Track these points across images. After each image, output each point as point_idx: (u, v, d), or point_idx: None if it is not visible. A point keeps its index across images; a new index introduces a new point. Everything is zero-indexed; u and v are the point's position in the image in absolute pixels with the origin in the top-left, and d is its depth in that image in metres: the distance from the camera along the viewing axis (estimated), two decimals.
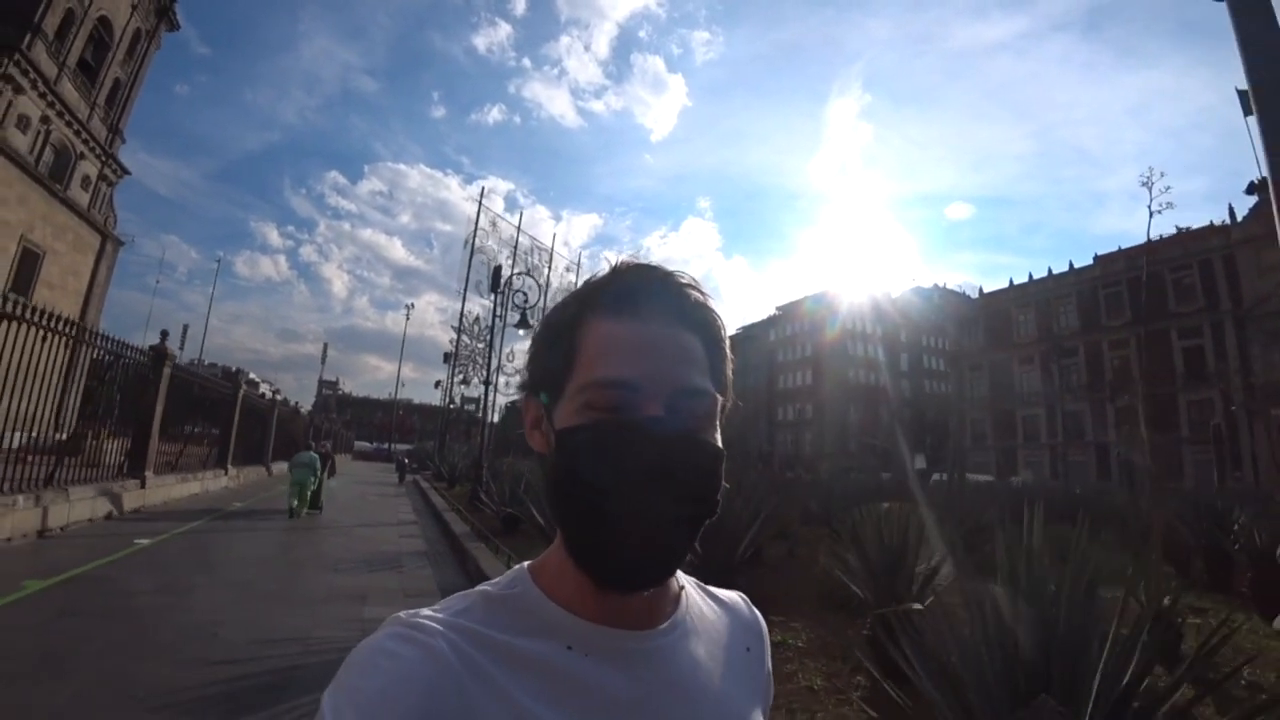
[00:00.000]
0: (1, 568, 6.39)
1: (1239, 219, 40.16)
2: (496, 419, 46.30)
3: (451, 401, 29.74)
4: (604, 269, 0.61)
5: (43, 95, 26.78)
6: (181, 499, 13.32)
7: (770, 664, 0.69)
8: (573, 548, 0.54)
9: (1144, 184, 8.10)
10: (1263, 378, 37.61)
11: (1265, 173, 2.70)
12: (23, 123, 26.36)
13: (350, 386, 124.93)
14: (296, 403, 38.42)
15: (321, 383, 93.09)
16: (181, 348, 55.46)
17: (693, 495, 0.53)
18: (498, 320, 17.94)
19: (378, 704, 0.45)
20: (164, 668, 4.14)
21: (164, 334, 11.46)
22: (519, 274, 17.55)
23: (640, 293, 0.56)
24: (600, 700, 0.52)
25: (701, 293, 0.59)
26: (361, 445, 64.66)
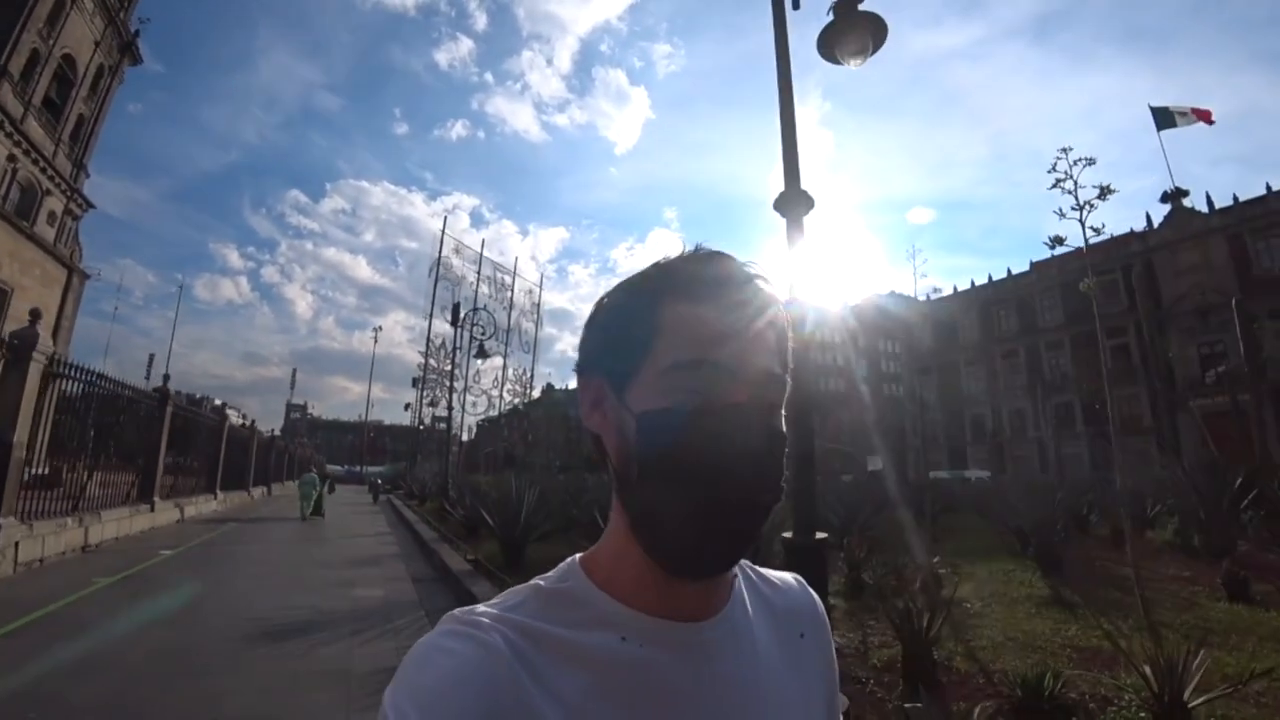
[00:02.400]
0: (72, 572, 8.26)
1: (1155, 225, 43.20)
2: (468, 437, 47.36)
3: (421, 423, 30.88)
4: (675, 253, 0.60)
5: (9, 135, 26.69)
6: (179, 521, 15.00)
7: (832, 647, 0.69)
8: (647, 534, 0.54)
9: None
10: (1182, 371, 40.61)
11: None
12: None
13: (319, 409, 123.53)
14: (272, 430, 39.06)
15: (290, 406, 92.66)
16: (147, 377, 55.30)
17: (769, 482, 0.53)
18: (458, 351, 19.44)
19: (437, 700, 0.45)
20: (221, 621, 5.96)
21: (166, 377, 13.15)
22: (477, 309, 19.08)
23: (722, 279, 0.56)
24: (655, 693, 0.52)
25: (775, 286, 0.59)
26: (333, 469, 63.92)
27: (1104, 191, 4.78)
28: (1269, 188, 38.69)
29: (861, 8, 4.23)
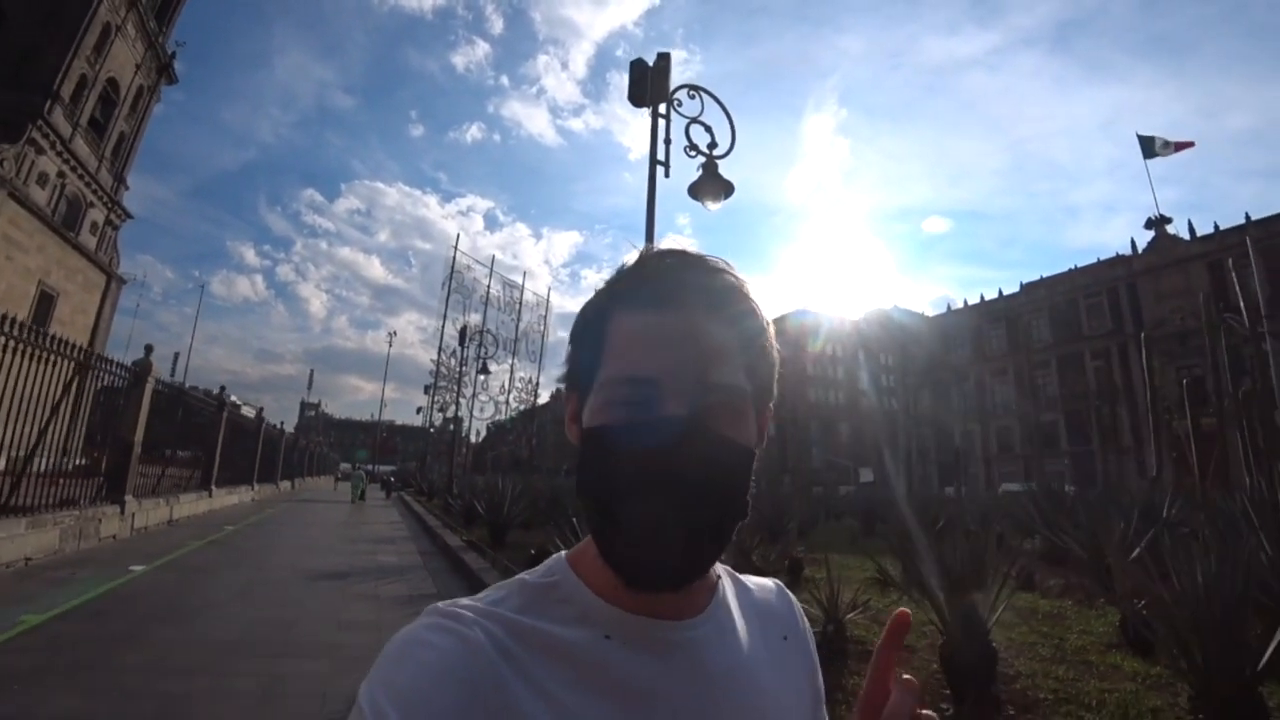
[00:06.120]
0: (170, 536, 11.11)
1: (1139, 250, 44.73)
2: (478, 439, 49.57)
3: (432, 426, 33.13)
4: (633, 257, 0.59)
5: (59, 154, 28.81)
6: (230, 506, 17.98)
7: (815, 654, 0.68)
8: (601, 547, 0.53)
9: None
10: (1162, 393, 41.99)
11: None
12: (42, 179, 28.19)
13: (331, 407, 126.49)
14: (295, 430, 41.59)
15: (304, 405, 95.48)
16: (171, 374, 58.20)
17: (714, 497, 0.51)
18: (464, 365, 21.88)
19: (415, 696, 0.44)
20: (285, 570, 8.51)
21: (222, 388, 15.68)
22: (482, 331, 21.44)
23: (667, 282, 0.54)
24: (637, 689, 0.51)
25: (736, 278, 0.57)
26: (345, 468, 64.96)
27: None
28: (1248, 217, 40.15)
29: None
